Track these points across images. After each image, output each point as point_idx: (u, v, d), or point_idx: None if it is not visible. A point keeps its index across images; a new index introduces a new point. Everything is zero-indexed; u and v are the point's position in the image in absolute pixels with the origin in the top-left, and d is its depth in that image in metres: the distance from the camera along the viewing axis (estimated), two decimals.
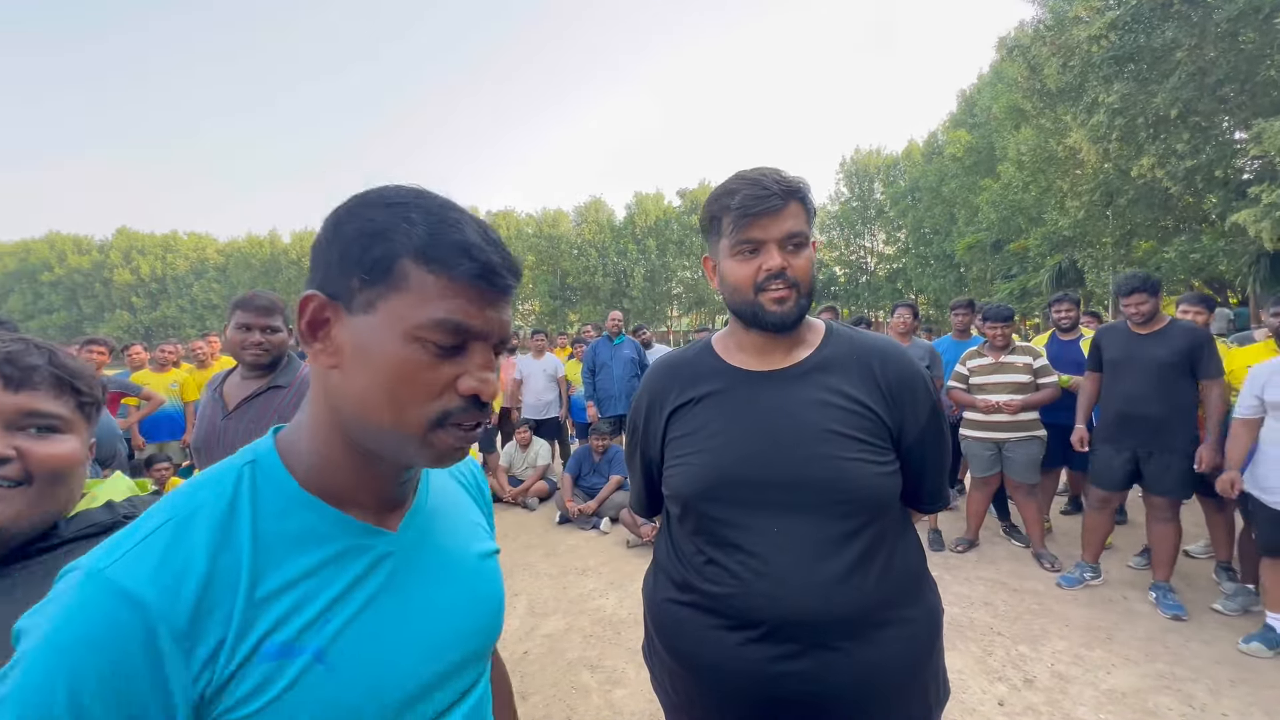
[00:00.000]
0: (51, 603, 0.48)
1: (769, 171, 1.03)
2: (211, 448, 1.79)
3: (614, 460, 5.22)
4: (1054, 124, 14.09)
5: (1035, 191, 17.52)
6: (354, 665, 0.55)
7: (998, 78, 23.09)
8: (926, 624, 1.03)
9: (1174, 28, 9.87)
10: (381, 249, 0.52)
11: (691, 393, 1.11)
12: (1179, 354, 3.19)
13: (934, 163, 30.56)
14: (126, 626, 0.46)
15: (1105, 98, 11.05)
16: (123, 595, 0.47)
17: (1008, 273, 22.00)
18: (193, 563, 0.50)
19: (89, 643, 0.45)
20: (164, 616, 0.47)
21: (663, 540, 1.19)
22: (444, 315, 0.53)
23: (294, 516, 0.56)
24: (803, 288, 1.02)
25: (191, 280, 50.93)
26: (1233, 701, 2.45)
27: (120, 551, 0.49)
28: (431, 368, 0.54)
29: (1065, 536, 4.35)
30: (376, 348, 0.53)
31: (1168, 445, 3.24)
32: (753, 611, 0.97)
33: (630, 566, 4.07)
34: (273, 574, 0.53)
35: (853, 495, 0.97)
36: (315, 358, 0.56)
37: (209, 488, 0.55)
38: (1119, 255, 15.01)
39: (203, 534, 0.52)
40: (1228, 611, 3.16)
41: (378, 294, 0.53)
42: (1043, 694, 2.54)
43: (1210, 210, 12.11)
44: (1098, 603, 3.35)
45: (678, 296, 48.24)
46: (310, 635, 0.53)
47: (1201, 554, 3.96)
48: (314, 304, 0.54)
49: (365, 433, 0.56)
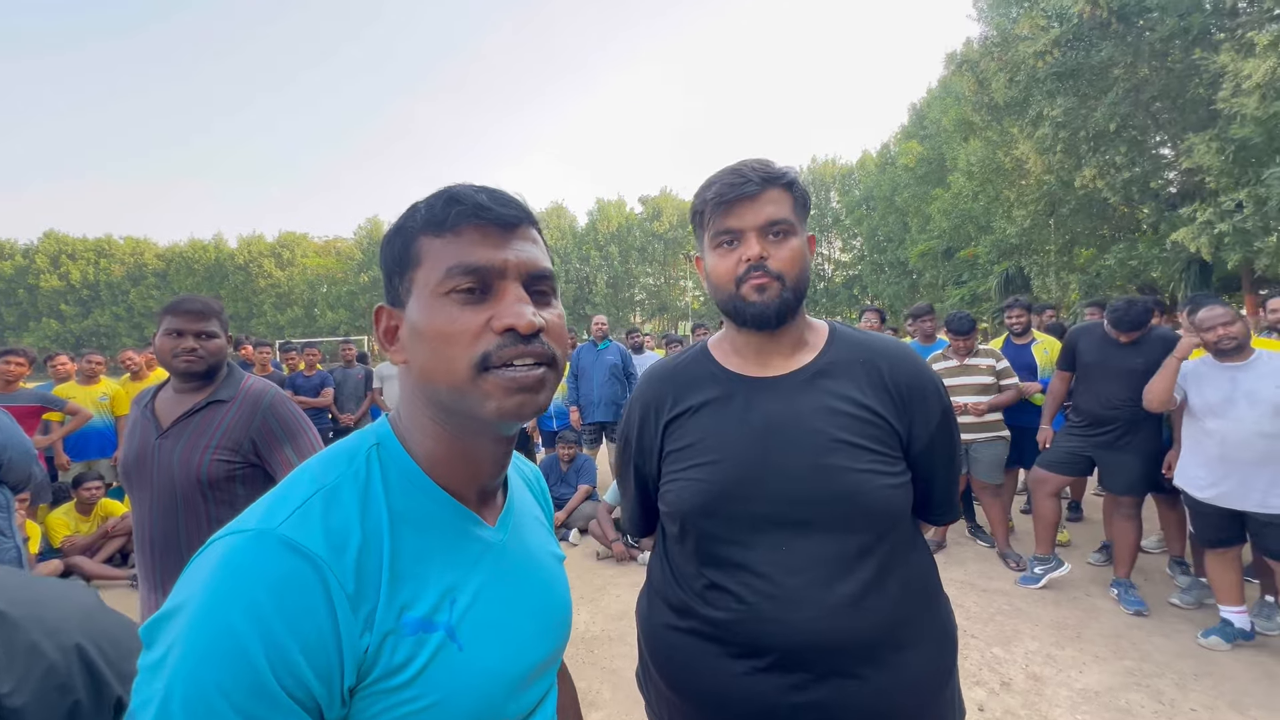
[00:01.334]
0: (214, 563, 0.48)
1: (750, 160, 0.97)
2: (143, 470, 1.57)
3: (582, 470, 5.09)
4: (1001, 136, 14.66)
5: (984, 201, 18.20)
6: (479, 646, 0.57)
7: (946, 91, 23.99)
8: (944, 644, 0.96)
9: (1111, 46, 10.40)
10: (401, 241, 0.59)
11: (688, 401, 1.02)
12: (1156, 363, 3.26)
13: (887, 173, 31.44)
14: (308, 577, 0.48)
15: (1050, 111, 11.54)
16: (300, 550, 0.49)
17: (959, 279, 22.77)
18: (350, 529, 0.52)
19: (272, 587, 0.46)
20: (336, 574, 0.49)
21: (658, 561, 1.08)
22: (453, 261, 0.55)
23: (417, 498, 0.58)
24: (787, 279, 0.94)
25: (128, 286, 48.03)
26: (1199, 695, 2.50)
27: (284, 514, 0.51)
28: (461, 316, 0.55)
29: (1029, 535, 4.44)
30: (419, 321, 0.56)
31: (1134, 446, 3.35)
32: (761, 638, 0.88)
33: (601, 580, 3.94)
34: (406, 550, 0.55)
35: (865, 509, 0.89)
36: (394, 357, 0.60)
37: (343, 462, 0.57)
38: (1062, 262, 15.70)
39: (352, 504, 0.54)
40: (1184, 605, 3.26)
41: (409, 279, 0.58)
42: (1020, 696, 2.54)
43: (1143, 220, 12.81)
44: (1064, 601, 3.40)
45: (641, 303, 48.31)
46: (442, 613, 0.55)
47: (1155, 549, 4.10)
48: (383, 315, 0.61)
49: (439, 407, 0.58)
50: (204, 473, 1.54)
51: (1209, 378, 2.91)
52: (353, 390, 6.16)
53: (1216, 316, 2.85)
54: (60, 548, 4.19)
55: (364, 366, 6.45)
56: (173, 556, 1.54)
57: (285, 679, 0.45)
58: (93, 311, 48.15)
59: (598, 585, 3.84)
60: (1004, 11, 13.02)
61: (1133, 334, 3.37)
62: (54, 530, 4.23)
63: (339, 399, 6.04)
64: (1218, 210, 9.30)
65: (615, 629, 3.28)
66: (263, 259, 48.98)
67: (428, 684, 0.52)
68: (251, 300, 48.36)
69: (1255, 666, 2.68)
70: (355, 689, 0.50)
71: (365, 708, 0.50)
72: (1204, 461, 2.91)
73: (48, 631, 0.64)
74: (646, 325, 49.45)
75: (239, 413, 1.62)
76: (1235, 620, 2.87)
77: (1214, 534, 2.90)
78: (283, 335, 41.29)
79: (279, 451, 1.62)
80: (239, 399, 1.64)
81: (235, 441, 1.58)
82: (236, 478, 1.58)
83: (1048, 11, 11.03)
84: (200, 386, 1.66)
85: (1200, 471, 2.93)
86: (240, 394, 1.66)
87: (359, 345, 6.62)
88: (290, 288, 48.57)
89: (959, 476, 1.06)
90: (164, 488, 1.54)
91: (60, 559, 4.11)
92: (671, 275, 47.51)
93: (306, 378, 5.90)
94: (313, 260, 49.74)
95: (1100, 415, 3.42)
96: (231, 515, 1.71)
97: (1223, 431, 2.82)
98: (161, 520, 1.55)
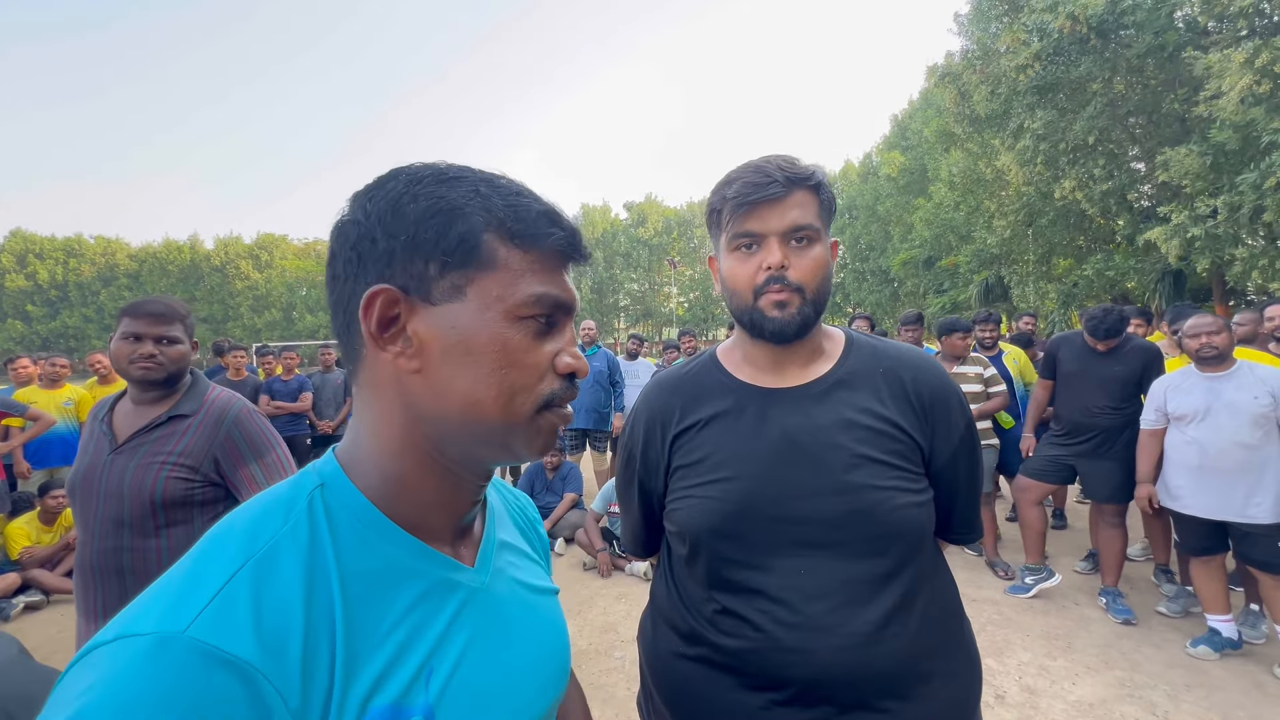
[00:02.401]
0: (95, 688, 0.35)
1: (775, 157, 0.90)
2: (91, 488, 1.44)
3: (568, 478, 4.99)
4: (982, 148, 14.96)
5: (965, 211, 18.52)
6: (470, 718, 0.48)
7: (928, 103, 24.44)
8: (970, 674, 0.91)
9: (1090, 61, 10.65)
10: (463, 227, 0.47)
11: (698, 414, 0.95)
12: (1134, 371, 3.34)
13: (869, 182, 31.91)
14: (236, 698, 0.36)
15: (1030, 124, 11.79)
16: (223, 660, 0.37)
17: (939, 287, 23.12)
18: (290, 612, 0.41)
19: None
20: (275, 684, 0.38)
21: (662, 583, 1.01)
22: (544, 289, 0.49)
23: (375, 549, 0.47)
24: (808, 292, 0.88)
25: (99, 287, 46.80)
26: (1191, 706, 2.49)
27: (198, 603, 0.39)
28: (534, 348, 0.49)
29: (1015, 543, 4.44)
30: (479, 335, 0.47)
31: (1115, 454, 3.37)
32: (781, 669, 0.81)
33: (588, 591, 3.85)
34: (364, 619, 0.44)
35: (889, 530, 0.83)
36: (393, 362, 0.48)
37: (277, 517, 0.45)
38: (1040, 272, 16.01)
39: (293, 574, 0.42)
40: (1171, 614, 3.27)
41: (466, 277, 0.47)
42: (1015, 710, 2.51)
43: (1119, 231, 13.12)
44: (1052, 610, 3.40)
45: (625, 309, 48.33)
46: (417, 693, 0.45)
47: (1140, 557, 4.12)
48: (382, 298, 0.46)
49: (467, 434, 0.49)
50: (158, 491, 1.41)
51: (1190, 388, 2.93)
52: (331, 396, 6.01)
53: (1204, 325, 2.87)
54: (18, 559, 3.98)
55: (343, 371, 6.29)
56: (113, 585, 1.41)
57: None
58: (61, 313, 46.83)
59: (584, 597, 3.75)
60: (985, 26, 13.32)
61: (1109, 341, 3.41)
62: (12, 541, 4.02)
63: (317, 405, 5.88)
64: (1191, 214, 9.54)
65: (602, 642, 3.20)
66: (240, 260, 48.12)
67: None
68: (228, 302, 47.44)
69: (1244, 676, 2.68)
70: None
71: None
72: (1184, 471, 2.92)
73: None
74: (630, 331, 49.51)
75: (201, 427, 1.49)
76: (1223, 629, 2.87)
77: (1198, 542, 2.92)
78: (259, 338, 40.48)
79: (243, 469, 1.50)
80: (202, 413, 1.52)
81: (195, 458, 1.46)
82: (195, 499, 1.45)
83: (1028, 26, 11.27)
84: (161, 397, 1.53)
85: (1181, 481, 2.94)
86: (205, 407, 1.53)
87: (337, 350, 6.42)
88: (268, 290, 47.75)
89: (980, 494, 1.01)
90: (111, 507, 1.42)
91: (18, 572, 3.91)
92: (656, 281, 47.61)
93: (284, 382, 5.73)
94: (292, 262, 48.98)
95: (1081, 423, 3.46)
96: (186, 539, 1.54)
97: (1203, 441, 2.83)
98: (105, 542, 1.42)
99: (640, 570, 4.05)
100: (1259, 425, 2.73)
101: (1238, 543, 2.81)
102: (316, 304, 45.99)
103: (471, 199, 0.48)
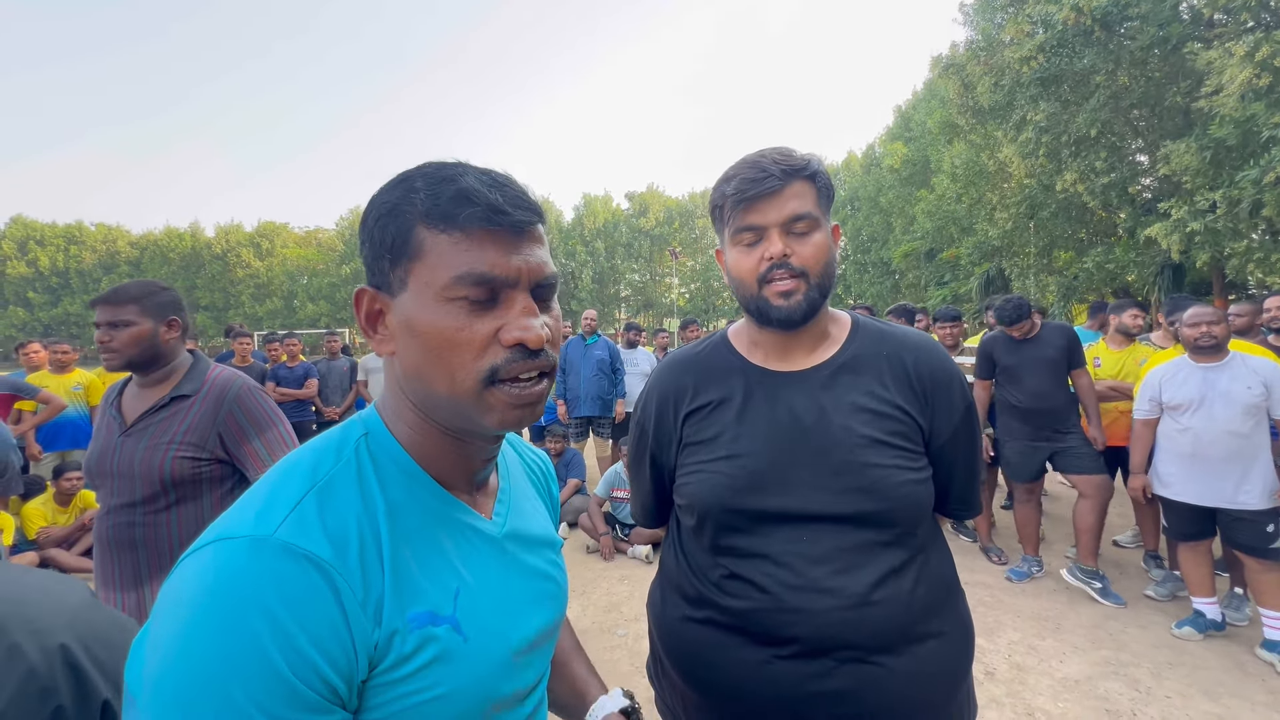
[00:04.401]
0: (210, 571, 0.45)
1: (770, 151, 0.94)
2: (105, 469, 1.51)
3: (571, 464, 5.08)
4: (985, 139, 14.90)
5: (967, 203, 18.48)
6: (481, 637, 0.56)
7: (931, 94, 24.29)
8: (962, 637, 0.97)
9: (1093, 53, 10.62)
10: (396, 225, 0.53)
11: (709, 393, 1.01)
12: (1061, 351, 3.57)
13: (872, 173, 31.78)
14: (317, 582, 0.46)
15: (1033, 116, 11.77)
16: (304, 555, 0.47)
17: (941, 280, 23.12)
18: (348, 528, 0.50)
19: (282, 593, 0.44)
20: (343, 576, 0.48)
21: (671, 553, 1.08)
22: (465, 269, 0.52)
23: (412, 489, 0.57)
24: (812, 276, 0.92)
25: (100, 275, 46.69)
26: (1174, 683, 2.58)
27: (278, 516, 0.49)
28: (468, 326, 0.53)
29: (1009, 530, 4.53)
30: (417, 319, 0.53)
31: (1069, 429, 3.57)
32: (783, 627, 0.87)
33: (591, 573, 3.94)
34: (404, 545, 0.54)
35: (889, 504, 0.89)
36: (377, 348, 0.57)
37: (331, 456, 0.55)
38: (1041, 264, 16.01)
39: (349, 500, 0.52)
40: (1159, 598, 3.36)
41: (406, 269, 0.53)
42: (1004, 685, 2.60)
43: (1120, 225, 13.12)
44: (1043, 593, 3.49)
45: (626, 299, 48.27)
46: (445, 606, 0.54)
47: (1130, 544, 4.21)
48: (365, 298, 0.56)
49: (431, 406, 0.56)
50: (167, 471, 1.48)
51: (1185, 378, 3.00)
52: (337, 382, 6.08)
53: (1204, 315, 2.95)
54: (36, 539, 4.08)
55: (348, 358, 6.36)
56: (128, 558, 1.49)
57: (311, 681, 0.44)
58: (62, 300, 46.82)
59: (588, 579, 3.85)
60: (989, 17, 13.23)
61: (1018, 326, 3.68)
62: (30, 521, 4.11)
63: (323, 391, 5.95)
64: (1191, 209, 9.56)
65: (606, 621, 3.29)
66: (241, 249, 47.98)
67: (434, 676, 0.52)
68: (229, 291, 47.37)
69: (1226, 656, 2.77)
70: (365, 682, 0.49)
71: (372, 698, 0.50)
72: (1176, 459, 3.00)
73: (31, 631, 0.60)
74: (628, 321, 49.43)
75: (204, 406, 1.55)
76: (1207, 612, 2.96)
77: (1186, 528, 3.00)
78: (261, 327, 40.48)
79: (246, 445, 1.55)
80: (203, 392, 1.57)
81: (200, 437, 1.52)
82: (203, 476, 1.52)
83: (1033, 18, 11.23)
84: (159, 380, 1.58)
85: (1173, 469, 3.02)
86: (205, 387, 1.58)
87: (342, 338, 6.50)
88: (269, 278, 47.66)
89: (979, 474, 1.06)
90: (124, 486, 1.49)
91: (35, 551, 4.00)
92: (657, 271, 47.49)
93: (289, 369, 5.80)
94: (293, 251, 48.84)
95: (1035, 408, 3.62)
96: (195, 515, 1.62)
97: (1196, 429, 2.91)
98: (119, 518, 1.49)
99: (642, 554, 4.15)
100: (1251, 414, 2.80)
101: (1226, 528, 2.89)
102: (318, 293, 45.96)
103: (405, 196, 0.53)
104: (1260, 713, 2.38)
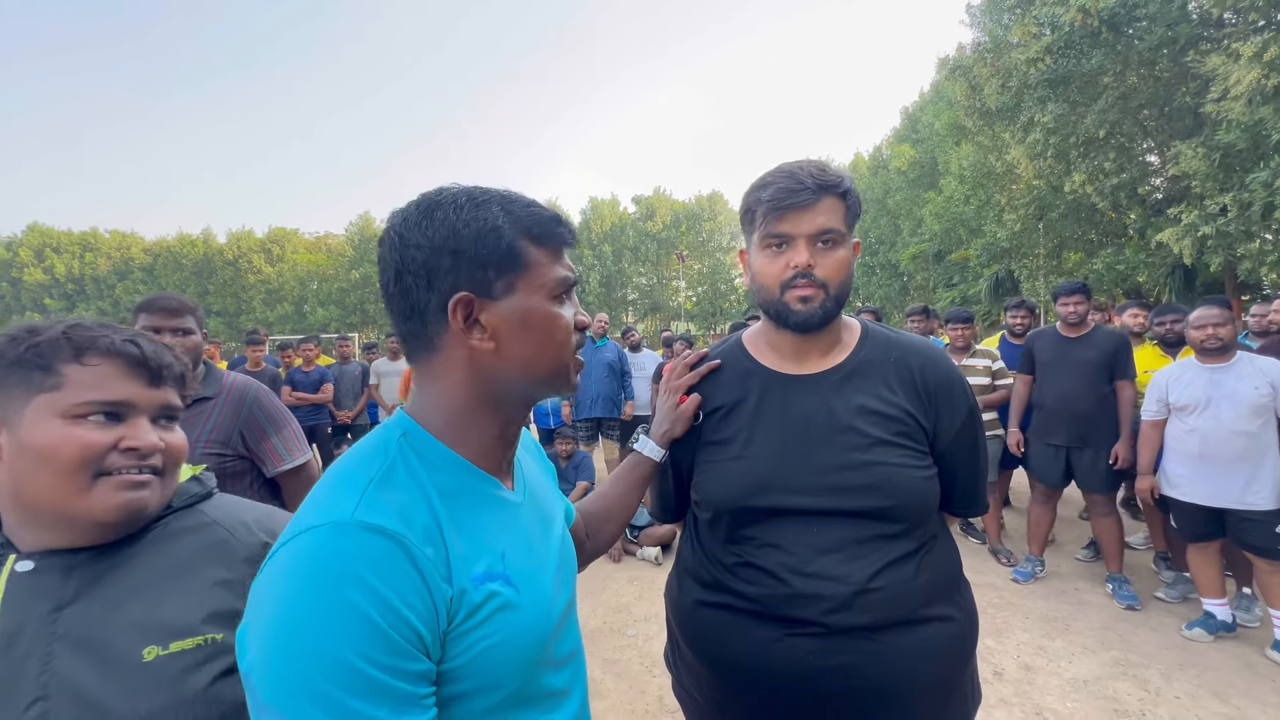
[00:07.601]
0: (304, 556, 0.54)
1: (808, 164, 1.00)
2: None
3: (580, 466, 5.12)
4: (993, 141, 14.89)
5: (975, 204, 18.43)
6: (530, 590, 0.66)
7: (939, 96, 24.20)
8: (967, 623, 1.02)
9: (1101, 54, 10.60)
10: (505, 241, 0.65)
11: (726, 395, 1.08)
12: (1104, 355, 3.47)
13: (879, 175, 31.66)
14: (396, 551, 0.55)
15: (1041, 117, 11.75)
16: (381, 531, 0.55)
17: (949, 281, 23.02)
18: (409, 507, 0.59)
19: (371, 563, 0.53)
20: (416, 544, 0.56)
21: (688, 544, 1.14)
22: (564, 274, 0.69)
23: (453, 474, 0.66)
24: (831, 288, 0.99)
25: (114, 281, 47.35)
26: (1183, 684, 2.59)
27: (350, 503, 0.57)
28: (563, 316, 0.69)
29: (1018, 532, 4.54)
30: (534, 317, 0.67)
31: (1095, 441, 3.47)
32: (793, 609, 0.94)
33: (602, 574, 3.99)
34: (455, 519, 0.62)
35: (895, 500, 0.95)
36: (475, 346, 0.65)
37: (379, 454, 0.64)
38: (1050, 266, 15.93)
39: (405, 485, 0.61)
40: (1169, 599, 3.36)
41: (515, 276, 0.66)
42: (1012, 685, 2.62)
43: (1130, 225, 13.04)
44: (1053, 595, 3.49)
45: (633, 302, 48.33)
46: (496, 566, 0.63)
47: (1141, 545, 4.20)
48: (464, 302, 0.64)
49: (529, 385, 0.70)
50: None
51: (1191, 379, 3.01)
52: (350, 387, 6.17)
53: (1211, 316, 2.95)
54: None
55: (360, 363, 6.45)
56: None
57: (403, 631, 0.53)
58: (78, 306, 47.46)
59: (598, 580, 3.89)
60: (996, 18, 13.22)
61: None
62: None
63: (336, 395, 6.04)
64: (1202, 213, 9.51)
65: (616, 621, 3.33)
66: (252, 254, 48.49)
67: (499, 623, 0.61)
68: (240, 296, 47.85)
69: (1236, 658, 2.77)
70: (445, 633, 0.58)
71: (451, 647, 0.58)
72: (1184, 459, 3.00)
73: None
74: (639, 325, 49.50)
75: (225, 407, 1.65)
76: (1217, 613, 2.96)
77: (1194, 529, 3.00)
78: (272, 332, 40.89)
79: (265, 441, 1.69)
80: (224, 394, 1.67)
81: (225, 435, 1.62)
82: (226, 472, 1.61)
83: (1040, 19, 11.22)
84: None
85: (1180, 470, 3.02)
86: (225, 389, 1.68)
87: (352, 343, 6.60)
88: (280, 284, 48.10)
89: (983, 474, 1.11)
90: None
91: None
92: (664, 275, 47.53)
93: (305, 374, 5.90)
94: (303, 257, 49.28)
95: (1057, 408, 3.58)
96: None
97: (1203, 430, 2.91)
98: None
99: (651, 555, 4.19)
100: (1258, 414, 2.81)
101: (1234, 529, 2.89)
102: (328, 298, 46.29)
103: (503, 217, 0.65)
104: (1271, 714, 2.39)
